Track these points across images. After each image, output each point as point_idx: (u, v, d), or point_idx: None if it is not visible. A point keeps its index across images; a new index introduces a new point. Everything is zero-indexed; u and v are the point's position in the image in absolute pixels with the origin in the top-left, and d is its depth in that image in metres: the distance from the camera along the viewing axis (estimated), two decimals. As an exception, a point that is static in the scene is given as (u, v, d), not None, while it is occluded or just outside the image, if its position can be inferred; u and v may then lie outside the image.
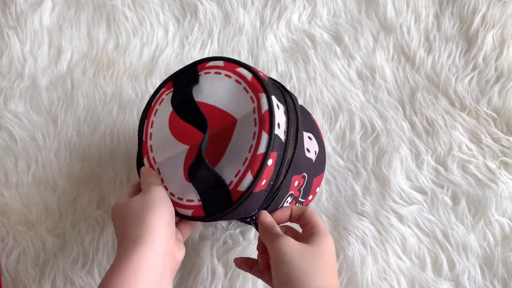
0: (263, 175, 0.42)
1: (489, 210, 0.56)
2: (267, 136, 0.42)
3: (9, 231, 0.59)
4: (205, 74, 0.48)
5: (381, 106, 0.64)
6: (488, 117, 0.61)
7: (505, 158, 0.59)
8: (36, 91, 0.67)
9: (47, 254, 0.58)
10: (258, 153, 0.42)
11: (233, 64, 0.47)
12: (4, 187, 0.62)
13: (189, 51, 0.69)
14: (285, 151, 0.44)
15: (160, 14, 0.72)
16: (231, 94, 0.46)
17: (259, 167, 0.42)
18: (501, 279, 0.53)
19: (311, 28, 0.70)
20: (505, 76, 0.63)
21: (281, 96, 0.46)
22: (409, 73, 0.65)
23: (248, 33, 0.70)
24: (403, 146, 0.60)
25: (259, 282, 0.55)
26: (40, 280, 0.57)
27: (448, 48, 0.66)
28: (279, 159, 0.43)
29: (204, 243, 0.58)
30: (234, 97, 0.45)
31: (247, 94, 0.45)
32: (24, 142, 0.64)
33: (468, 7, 0.67)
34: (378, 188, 0.59)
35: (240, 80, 0.46)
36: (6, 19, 0.73)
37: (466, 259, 0.54)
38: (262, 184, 0.43)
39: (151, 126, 0.49)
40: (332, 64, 0.66)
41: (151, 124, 0.49)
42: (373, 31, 0.69)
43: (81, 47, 0.71)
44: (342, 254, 0.55)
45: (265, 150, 0.42)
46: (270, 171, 0.43)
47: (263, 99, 0.43)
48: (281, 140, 0.44)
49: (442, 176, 0.59)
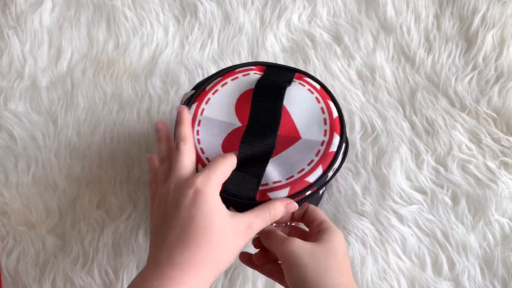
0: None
1: (489, 210, 0.56)
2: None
3: (9, 231, 0.59)
4: (299, 84, 0.50)
5: (381, 106, 0.64)
6: (488, 117, 0.61)
7: (505, 158, 0.59)
8: (36, 91, 0.67)
9: (47, 254, 0.58)
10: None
11: (327, 95, 0.50)
12: (4, 187, 0.62)
13: (189, 51, 0.69)
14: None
15: (160, 14, 0.72)
16: (311, 118, 0.48)
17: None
18: (501, 279, 0.54)
19: (311, 28, 0.70)
20: (505, 76, 0.63)
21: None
22: (409, 73, 0.65)
23: (248, 33, 0.70)
24: (403, 146, 0.60)
25: (259, 282, 0.55)
26: (40, 280, 0.57)
27: (448, 48, 0.66)
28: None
29: (204, 243, 0.58)
30: (311, 122, 0.48)
31: (323, 127, 0.48)
32: (24, 142, 0.64)
33: (468, 7, 0.68)
34: (378, 188, 0.59)
35: (326, 112, 0.48)
36: (6, 19, 0.73)
37: (466, 259, 0.54)
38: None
39: (206, 102, 0.50)
40: (332, 64, 0.66)
41: (206, 100, 0.51)
42: (373, 31, 0.69)
43: (81, 47, 0.71)
44: (342, 254, 0.55)
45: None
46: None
47: (335, 139, 0.47)
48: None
49: (442, 176, 0.59)
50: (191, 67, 0.68)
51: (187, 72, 0.67)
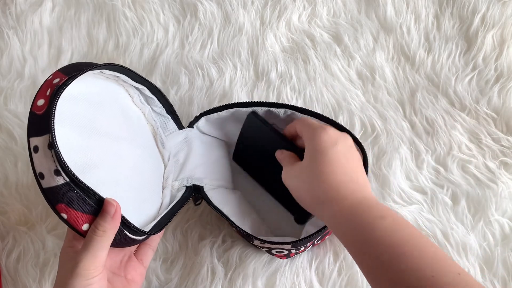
0: None
1: (489, 210, 0.56)
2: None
3: (9, 231, 0.59)
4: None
5: (381, 106, 0.64)
6: (488, 117, 0.61)
7: (504, 158, 0.59)
8: (36, 91, 0.67)
9: (47, 254, 0.58)
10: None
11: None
12: (4, 187, 0.62)
13: (189, 51, 0.69)
14: None
15: (160, 14, 0.72)
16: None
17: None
18: (500, 279, 0.53)
19: (311, 28, 0.70)
20: (505, 76, 0.63)
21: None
22: (409, 73, 0.65)
23: (248, 33, 0.70)
24: (403, 146, 0.60)
25: (259, 282, 0.55)
26: (40, 280, 0.57)
27: (448, 48, 0.66)
28: None
29: (203, 243, 0.58)
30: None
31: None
32: (24, 142, 0.64)
33: (468, 7, 0.68)
34: (378, 188, 0.59)
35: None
36: (6, 19, 0.73)
37: (466, 259, 0.54)
38: None
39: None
40: (332, 64, 0.66)
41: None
42: (373, 31, 0.69)
43: (81, 47, 0.71)
44: (342, 254, 0.55)
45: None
46: None
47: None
48: None
49: (442, 176, 0.59)
50: (191, 67, 0.68)
51: (187, 72, 0.67)
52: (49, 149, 0.37)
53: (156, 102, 0.54)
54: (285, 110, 0.53)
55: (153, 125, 0.55)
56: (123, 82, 0.50)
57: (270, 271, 0.56)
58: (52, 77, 0.40)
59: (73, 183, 0.38)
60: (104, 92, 0.48)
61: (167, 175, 0.54)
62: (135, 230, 0.43)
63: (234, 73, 0.67)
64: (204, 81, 0.67)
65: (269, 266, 0.56)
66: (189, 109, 0.65)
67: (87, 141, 0.43)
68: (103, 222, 0.39)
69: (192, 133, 0.57)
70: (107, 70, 0.46)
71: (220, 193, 0.54)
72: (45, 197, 0.38)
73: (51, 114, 0.37)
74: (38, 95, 0.40)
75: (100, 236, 0.39)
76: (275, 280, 0.55)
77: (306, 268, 0.56)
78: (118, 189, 0.44)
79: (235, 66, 0.67)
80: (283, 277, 0.55)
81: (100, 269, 0.40)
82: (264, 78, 0.66)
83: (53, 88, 0.39)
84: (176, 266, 0.57)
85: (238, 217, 0.52)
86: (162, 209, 0.51)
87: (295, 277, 0.55)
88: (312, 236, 0.48)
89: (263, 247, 0.52)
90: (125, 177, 0.46)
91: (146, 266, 0.48)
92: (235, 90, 0.66)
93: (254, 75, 0.67)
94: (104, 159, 0.44)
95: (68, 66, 0.42)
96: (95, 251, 0.39)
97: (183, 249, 0.58)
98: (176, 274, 0.56)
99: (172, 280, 0.56)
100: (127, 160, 0.48)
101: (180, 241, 0.58)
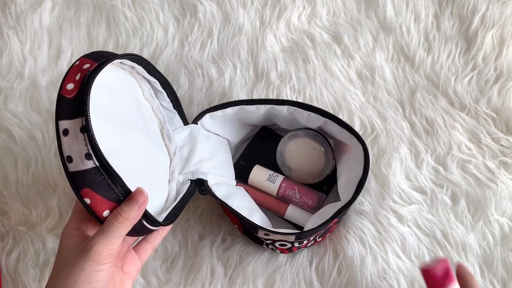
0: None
1: (488, 210, 0.56)
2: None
3: (9, 231, 0.59)
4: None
5: (381, 106, 0.64)
6: (488, 117, 0.61)
7: (504, 158, 0.59)
8: (36, 91, 0.67)
9: (47, 254, 0.58)
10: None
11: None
12: (4, 187, 0.62)
13: (188, 51, 0.69)
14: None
15: (160, 14, 0.72)
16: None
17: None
18: (500, 279, 0.54)
19: (310, 28, 0.70)
20: (505, 76, 0.63)
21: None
22: (408, 73, 0.66)
23: (247, 33, 0.70)
24: (403, 146, 0.60)
25: (259, 282, 0.55)
26: (40, 280, 0.57)
27: (448, 48, 0.66)
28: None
29: (203, 243, 0.58)
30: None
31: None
32: (23, 142, 0.64)
33: (468, 7, 0.68)
34: (378, 188, 0.59)
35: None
36: (6, 19, 0.73)
37: (465, 258, 0.54)
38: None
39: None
40: (331, 64, 0.66)
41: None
42: (372, 31, 0.69)
43: (81, 47, 0.71)
44: (341, 254, 0.55)
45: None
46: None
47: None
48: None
49: (441, 176, 0.59)
50: (191, 67, 0.68)
51: (187, 72, 0.68)
52: (81, 132, 0.37)
53: (165, 97, 0.54)
54: (288, 107, 0.54)
55: (161, 119, 0.55)
56: (136, 74, 0.50)
57: (270, 270, 0.56)
58: (80, 63, 0.40)
59: (103, 168, 0.38)
60: (123, 83, 0.48)
61: (173, 169, 0.54)
62: (153, 220, 0.43)
63: (234, 73, 0.67)
64: (204, 81, 0.67)
65: (269, 265, 0.56)
66: (189, 109, 0.65)
67: (110, 128, 0.43)
68: (128, 210, 0.39)
69: (196, 129, 0.57)
70: (127, 61, 0.46)
71: (224, 188, 0.54)
72: (71, 181, 0.38)
73: (86, 98, 0.37)
74: (67, 79, 0.39)
75: (121, 223, 0.39)
76: (275, 279, 0.55)
77: (306, 267, 0.56)
78: (134, 179, 0.44)
79: (235, 66, 0.67)
80: (283, 276, 0.55)
81: (112, 257, 0.39)
82: (264, 78, 0.66)
83: (83, 72, 0.39)
84: (176, 266, 0.57)
85: (244, 210, 0.52)
86: (169, 202, 0.51)
87: (295, 276, 0.55)
88: (315, 229, 0.48)
89: (266, 239, 0.52)
90: (141, 167, 0.47)
91: (142, 263, 0.48)
92: (235, 90, 0.66)
93: (253, 75, 0.67)
94: (124, 148, 0.44)
95: (93, 53, 0.43)
96: (111, 237, 0.39)
97: (183, 249, 0.58)
98: (176, 274, 0.56)
99: (172, 280, 0.56)
100: (142, 150, 0.48)
101: (180, 241, 0.58)
